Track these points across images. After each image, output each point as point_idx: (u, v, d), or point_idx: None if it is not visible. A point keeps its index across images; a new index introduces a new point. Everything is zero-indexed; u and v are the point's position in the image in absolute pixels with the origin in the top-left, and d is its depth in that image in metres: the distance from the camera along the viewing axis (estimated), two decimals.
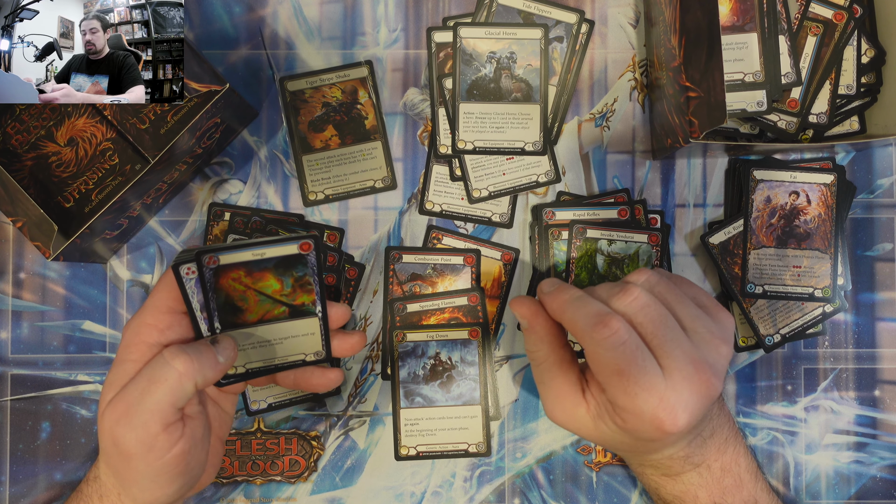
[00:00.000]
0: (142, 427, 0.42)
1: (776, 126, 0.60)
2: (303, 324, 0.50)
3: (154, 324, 0.45)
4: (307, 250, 0.48)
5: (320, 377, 0.51)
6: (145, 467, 0.43)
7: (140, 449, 0.43)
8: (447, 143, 0.61)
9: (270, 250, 0.48)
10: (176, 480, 0.45)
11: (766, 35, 0.58)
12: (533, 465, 0.61)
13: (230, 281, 0.49)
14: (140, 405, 0.42)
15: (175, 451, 0.44)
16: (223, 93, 0.52)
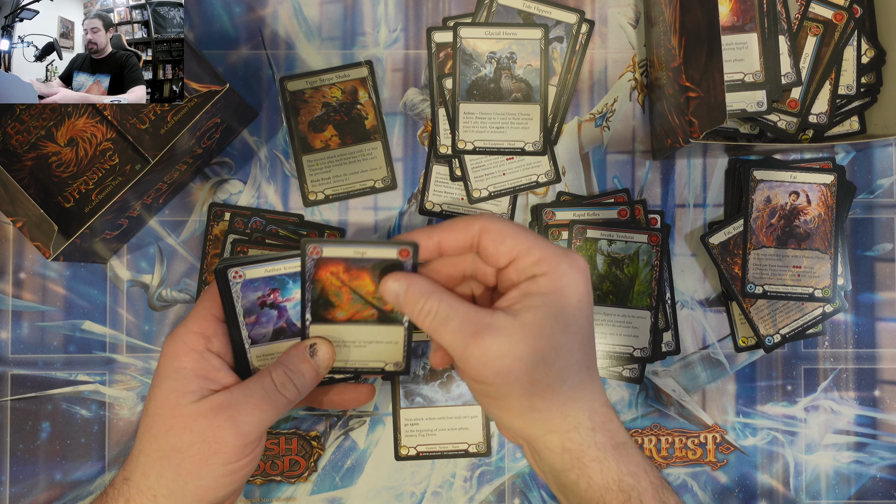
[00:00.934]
0: (243, 435, 0.46)
1: (776, 126, 0.60)
2: (388, 331, 0.50)
3: (200, 331, 0.47)
4: (405, 257, 0.48)
5: (353, 391, 0.53)
6: (222, 466, 0.46)
7: (231, 449, 0.45)
8: (447, 143, 0.61)
9: (371, 251, 0.49)
10: (231, 486, 0.47)
11: (766, 35, 0.58)
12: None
13: (328, 274, 0.49)
14: (249, 416, 0.46)
15: (251, 457, 0.47)
16: (223, 93, 0.52)
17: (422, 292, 0.47)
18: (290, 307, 0.49)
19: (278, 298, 0.49)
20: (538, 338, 0.45)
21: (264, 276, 0.49)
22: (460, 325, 0.46)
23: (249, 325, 0.49)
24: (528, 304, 0.45)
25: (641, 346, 0.59)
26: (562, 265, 0.46)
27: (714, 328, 0.61)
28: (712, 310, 0.61)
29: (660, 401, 0.61)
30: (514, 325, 0.45)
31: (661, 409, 0.61)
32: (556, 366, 0.45)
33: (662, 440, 0.61)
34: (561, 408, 0.46)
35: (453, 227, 0.48)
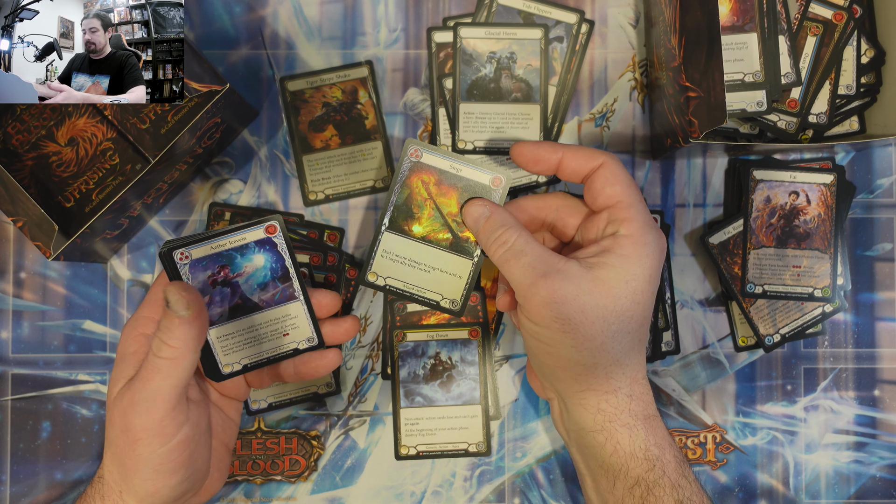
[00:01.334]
0: (146, 413, 0.44)
1: (776, 126, 0.60)
2: (457, 262, 0.50)
3: (150, 316, 0.47)
4: (497, 185, 0.49)
5: (319, 358, 0.52)
6: (150, 453, 0.44)
7: (146, 434, 0.44)
8: (447, 143, 0.61)
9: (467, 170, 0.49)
10: (178, 471, 0.45)
11: (766, 35, 0.58)
12: (533, 464, 0.61)
13: (419, 182, 0.49)
14: (142, 393, 0.44)
15: (179, 436, 0.45)
16: (223, 93, 0.52)
17: (502, 222, 0.48)
18: (242, 282, 0.49)
19: (229, 275, 0.49)
20: (605, 295, 0.45)
21: (211, 253, 0.48)
22: (533, 261, 0.46)
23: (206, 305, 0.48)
24: (605, 262, 0.46)
25: None
26: (649, 235, 0.47)
27: (714, 328, 0.61)
28: (712, 309, 0.62)
29: (659, 400, 0.61)
30: (586, 276, 0.45)
31: (661, 408, 0.61)
32: (615, 327, 0.46)
33: None
34: (606, 369, 0.46)
35: (579, 150, 0.49)
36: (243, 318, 0.49)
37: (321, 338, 0.51)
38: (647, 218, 0.48)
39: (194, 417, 0.46)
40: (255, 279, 0.50)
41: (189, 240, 0.48)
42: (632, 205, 0.48)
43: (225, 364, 0.50)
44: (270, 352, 0.51)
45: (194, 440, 0.46)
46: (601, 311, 0.45)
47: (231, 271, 0.49)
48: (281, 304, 0.50)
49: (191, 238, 0.48)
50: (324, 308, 0.52)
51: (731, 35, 0.58)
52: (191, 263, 0.48)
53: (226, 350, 0.50)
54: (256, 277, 0.50)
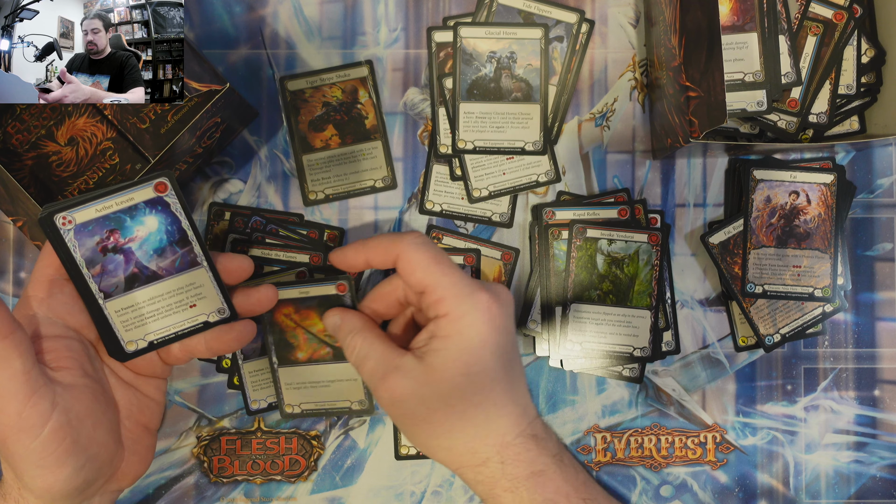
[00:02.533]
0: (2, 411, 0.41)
1: (776, 126, 0.60)
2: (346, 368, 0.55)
3: (34, 294, 0.44)
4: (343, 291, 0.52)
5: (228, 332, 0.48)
6: (23, 450, 0.41)
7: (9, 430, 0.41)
8: (447, 142, 0.61)
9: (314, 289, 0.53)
10: (65, 462, 0.42)
11: (766, 35, 0.58)
12: None
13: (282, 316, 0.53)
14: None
15: (49, 426, 0.41)
16: (223, 92, 0.52)
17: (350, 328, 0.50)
18: (135, 248, 0.45)
19: (119, 240, 0.45)
20: (440, 381, 0.46)
21: (97, 216, 0.44)
22: (375, 365, 0.48)
23: (96, 276, 0.44)
24: (432, 347, 0.47)
25: (641, 345, 0.59)
26: (462, 306, 0.47)
27: (714, 328, 0.61)
28: (712, 309, 0.62)
29: (660, 400, 0.61)
30: (418, 368, 0.47)
31: (661, 408, 0.61)
32: (459, 407, 0.47)
33: (662, 440, 0.61)
34: (467, 445, 0.47)
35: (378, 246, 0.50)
36: (142, 288, 0.45)
37: (233, 308, 0.47)
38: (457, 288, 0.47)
39: (65, 403, 0.42)
40: (149, 244, 0.45)
41: (70, 202, 0.43)
42: (436, 286, 0.47)
43: (128, 341, 0.46)
44: (178, 326, 0.46)
45: (73, 427, 0.42)
46: (441, 397, 0.46)
47: (121, 236, 0.44)
48: (183, 272, 0.46)
49: (72, 201, 0.43)
50: (233, 274, 0.48)
51: (731, 35, 0.58)
52: (75, 229, 0.43)
53: (127, 326, 0.46)
54: (151, 242, 0.45)
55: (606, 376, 0.61)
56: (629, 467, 0.61)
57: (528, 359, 0.61)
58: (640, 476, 0.61)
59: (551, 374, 0.61)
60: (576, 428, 0.61)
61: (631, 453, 0.61)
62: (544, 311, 0.60)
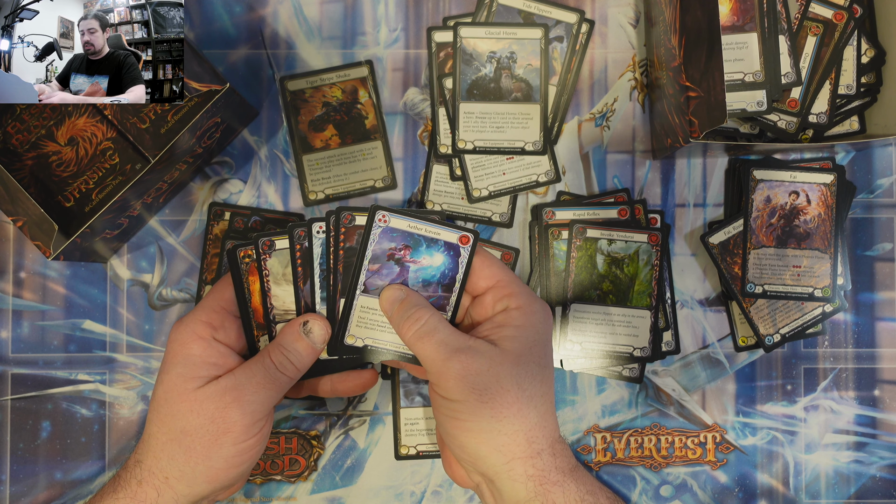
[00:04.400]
0: (249, 414, 0.48)
1: (776, 126, 0.60)
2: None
3: (207, 321, 0.50)
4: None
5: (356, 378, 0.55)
6: (231, 446, 0.48)
7: (238, 429, 0.48)
8: (447, 142, 0.61)
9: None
10: (241, 466, 0.49)
11: (766, 35, 0.58)
12: None
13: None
14: (253, 395, 0.48)
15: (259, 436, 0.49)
16: (223, 92, 0.52)
17: (415, 302, 0.51)
18: (412, 269, 0.51)
19: (406, 256, 0.51)
20: (515, 364, 0.48)
21: (405, 230, 0.50)
22: (445, 339, 0.49)
23: (370, 272, 0.51)
24: (506, 335, 0.49)
25: (641, 345, 0.59)
26: (535, 304, 0.50)
27: (714, 328, 0.61)
28: (712, 309, 0.62)
29: (660, 400, 0.61)
30: (493, 350, 0.48)
31: (661, 408, 0.61)
32: (528, 392, 0.48)
33: (662, 440, 0.61)
34: (527, 434, 0.48)
35: None
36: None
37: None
38: (526, 288, 0.51)
39: (267, 428, 0.50)
40: (423, 273, 0.51)
41: (395, 209, 0.50)
42: (512, 281, 0.51)
43: (350, 335, 0.52)
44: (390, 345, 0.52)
45: (263, 443, 0.50)
46: (515, 378, 0.48)
47: (410, 254, 0.51)
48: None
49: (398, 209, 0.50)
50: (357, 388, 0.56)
51: (731, 35, 0.58)
52: (385, 229, 0.50)
53: (359, 323, 0.51)
54: (426, 272, 0.51)
55: (606, 376, 0.61)
56: (629, 467, 0.61)
57: None
58: (639, 476, 0.61)
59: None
60: (576, 428, 0.61)
61: (631, 453, 0.61)
62: None
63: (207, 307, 0.51)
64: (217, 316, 0.50)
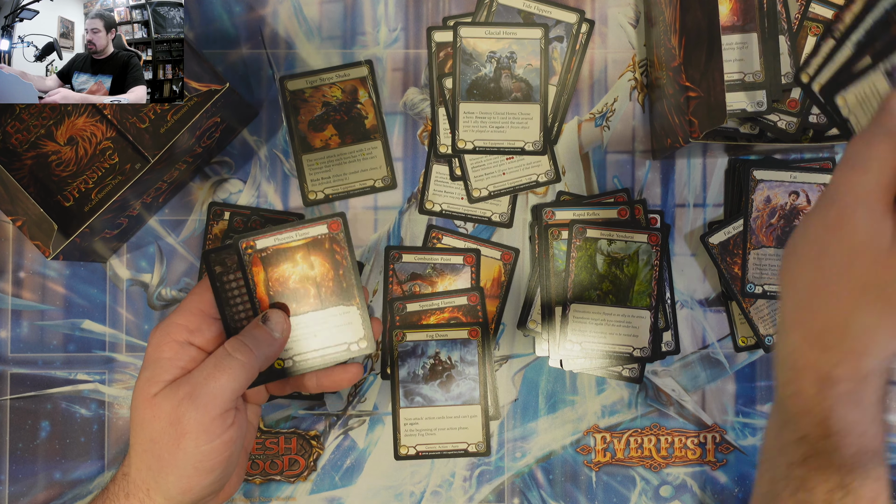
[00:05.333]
0: (203, 408, 0.45)
1: (776, 126, 0.60)
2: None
3: (184, 324, 0.48)
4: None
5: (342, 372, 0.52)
6: (194, 449, 0.45)
7: (197, 428, 0.45)
8: (447, 142, 0.61)
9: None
10: (214, 471, 0.47)
11: (766, 35, 0.58)
12: (532, 464, 0.61)
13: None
14: (204, 388, 0.46)
15: (225, 436, 0.46)
16: (223, 92, 0.52)
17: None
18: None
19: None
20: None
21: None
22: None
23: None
24: None
25: (641, 345, 0.59)
26: None
27: (714, 328, 0.61)
28: (712, 309, 0.61)
29: (659, 400, 0.61)
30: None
31: (661, 408, 0.61)
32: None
33: (662, 440, 0.61)
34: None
35: None
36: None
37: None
38: None
39: (239, 422, 0.48)
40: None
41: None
42: None
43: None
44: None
45: (235, 443, 0.47)
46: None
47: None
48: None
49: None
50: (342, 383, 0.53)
51: (731, 35, 0.58)
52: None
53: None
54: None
55: (606, 376, 0.61)
56: (629, 467, 0.61)
57: (528, 359, 0.61)
58: (639, 476, 0.61)
59: (551, 374, 0.61)
60: (576, 428, 0.61)
61: (630, 453, 0.61)
62: (544, 311, 0.60)
63: (185, 310, 0.49)
64: (194, 318, 0.48)
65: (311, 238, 0.49)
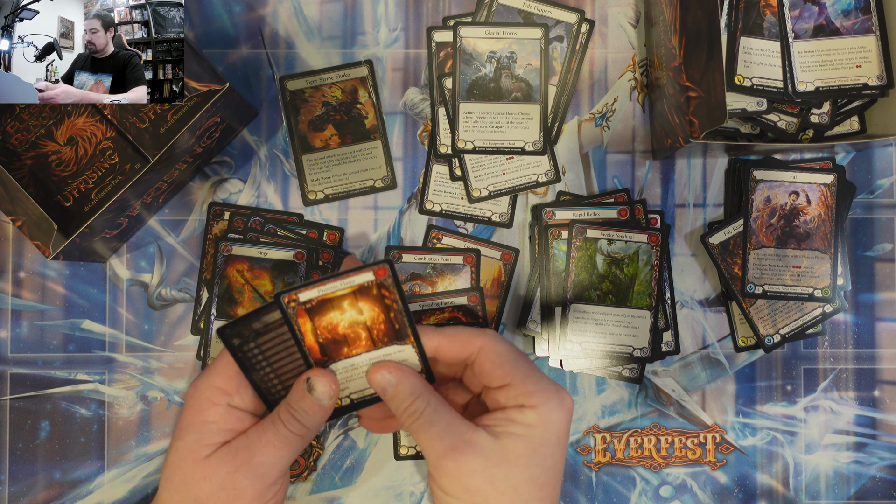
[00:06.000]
0: (261, 478, 0.47)
1: (776, 126, 0.60)
2: None
3: (222, 387, 0.48)
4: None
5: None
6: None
7: (252, 495, 0.46)
8: (447, 142, 0.61)
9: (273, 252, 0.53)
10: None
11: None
12: None
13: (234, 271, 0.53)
14: (262, 457, 0.47)
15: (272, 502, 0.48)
16: (223, 92, 0.52)
17: (412, 390, 0.48)
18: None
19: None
20: (514, 465, 0.46)
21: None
22: (441, 433, 0.47)
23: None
24: (511, 431, 0.47)
25: (641, 345, 0.59)
26: (551, 402, 0.47)
27: (714, 328, 0.61)
28: (712, 310, 0.61)
29: (659, 400, 0.61)
30: (493, 447, 0.46)
31: (661, 408, 0.61)
32: (525, 496, 0.46)
33: (662, 440, 0.61)
34: None
35: (456, 336, 0.49)
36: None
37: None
38: (545, 383, 0.48)
39: (283, 489, 0.49)
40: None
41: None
42: (525, 379, 0.48)
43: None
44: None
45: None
46: (511, 480, 0.46)
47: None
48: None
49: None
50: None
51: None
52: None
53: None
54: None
55: (606, 376, 0.61)
56: (629, 468, 0.61)
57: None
58: (639, 476, 0.61)
59: (551, 374, 0.61)
60: (576, 428, 0.61)
61: (631, 454, 0.61)
62: (544, 311, 0.60)
63: (220, 372, 0.48)
64: (232, 382, 0.48)
65: (356, 286, 0.47)
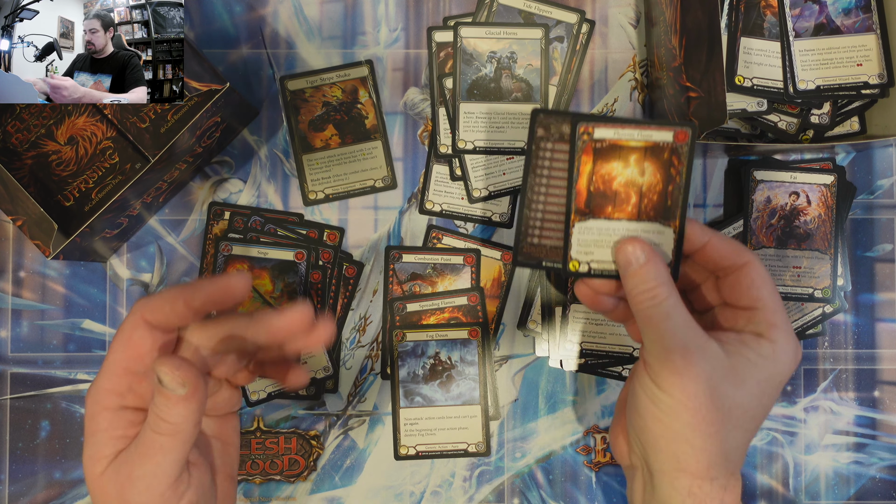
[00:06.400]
0: (147, 490, 0.42)
1: (777, 126, 0.60)
2: None
3: (111, 388, 0.43)
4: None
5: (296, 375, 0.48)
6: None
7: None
8: (447, 142, 0.61)
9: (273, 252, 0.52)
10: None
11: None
12: (532, 464, 0.61)
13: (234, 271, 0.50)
14: (140, 469, 0.42)
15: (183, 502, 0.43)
16: (223, 92, 0.52)
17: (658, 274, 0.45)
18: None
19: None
20: (736, 387, 0.45)
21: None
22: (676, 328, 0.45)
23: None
24: (744, 355, 0.46)
25: None
26: (790, 344, 0.46)
27: None
28: None
29: None
30: (724, 362, 0.45)
31: None
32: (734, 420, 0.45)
33: None
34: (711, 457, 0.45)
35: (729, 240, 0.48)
36: None
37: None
38: (789, 326, 0.47)
39: (196, 481, 0.44)
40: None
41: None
42: (777, 311, 0.47)
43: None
44: None
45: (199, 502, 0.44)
46: (728, 400, 0.44)
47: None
48: None
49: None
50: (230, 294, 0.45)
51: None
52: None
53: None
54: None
55: (606, 376, 0.61)
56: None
57: (528, 359, 0.61)
58: None
59: (551, 374, 0.61)
60: (576, 428, 0.61)
61: None
62: (544, 311, 0.60)
63: (108, 372, 0.43)
64: (120, 380, 0.43)
65: (652, 143, 0.44)
